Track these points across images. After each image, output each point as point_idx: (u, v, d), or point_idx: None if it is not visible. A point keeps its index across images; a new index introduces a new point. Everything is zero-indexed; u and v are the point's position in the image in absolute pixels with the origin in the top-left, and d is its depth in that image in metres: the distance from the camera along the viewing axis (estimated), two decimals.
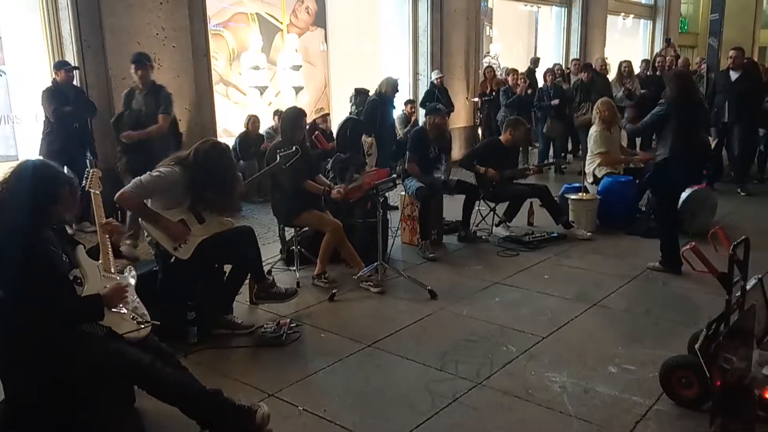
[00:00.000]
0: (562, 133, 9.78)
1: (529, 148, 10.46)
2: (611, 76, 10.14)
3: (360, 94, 8.19)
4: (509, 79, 9.88)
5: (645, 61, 11.08)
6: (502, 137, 6.27)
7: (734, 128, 7.94)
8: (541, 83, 10.02)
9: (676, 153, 4.78)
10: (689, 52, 20.91)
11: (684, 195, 5.64)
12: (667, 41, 15.30)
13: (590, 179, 6.57)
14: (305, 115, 5.00)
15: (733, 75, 7.89)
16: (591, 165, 6.63)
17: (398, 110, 9.43)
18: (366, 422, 2.89)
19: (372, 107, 7.66)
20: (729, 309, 2.86)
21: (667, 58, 11.36)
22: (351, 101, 8.38)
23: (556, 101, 9.39)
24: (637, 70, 10.45)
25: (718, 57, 9.62)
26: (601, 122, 6.61)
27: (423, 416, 2.93)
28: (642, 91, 9.56)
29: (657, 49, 15.95)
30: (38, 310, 2.41)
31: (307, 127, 5.89)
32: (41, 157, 5.42)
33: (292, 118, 4.82)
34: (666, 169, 4.87)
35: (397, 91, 7.98)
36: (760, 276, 3.18)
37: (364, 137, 7.28)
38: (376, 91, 7.88)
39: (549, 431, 2.80)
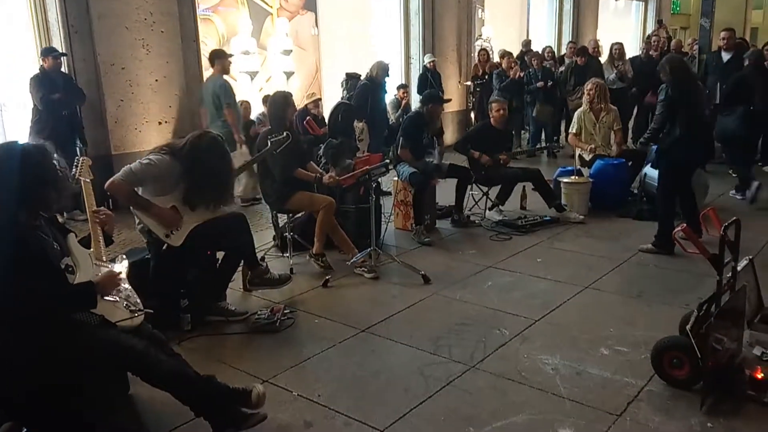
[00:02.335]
0: (552, 116, 9.77)
1: (522, 132, 10.45)
2: (604, 58, 10.10)
3: (351, 78, 8.14)
4: (503, 62, 9.82)
5: (647, 42, 11.02)
6: (491, 118, 6.26)
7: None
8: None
9: (681, 136, 4.77)
10: (681, 33, 20.86)
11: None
12: (659, 22, 15.26)
13: (578, 162, 6.58)
14: (290, 95, 4.96)
15: (725, 56, 7.89)
16: (577, 148, 6.67)
17: (390, 95, 9.39)
18: (360, 406, 2.91)
19: (362, 92, 7.62)
20: (720, 290, 2.89)
21: (661, 39, 11.32)
22: (342, 86, 8.33)
23: (541, 83, 9.39)
24: (636, 51, 10.40)
25: (710, 38, 9.60)
26: (587, 103, 6.63)
27: (417, 399, 2.94)
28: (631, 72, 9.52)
29: (649, 31, 15.90)
30: (30, 298, 2.39)
31: (298, 111, 5.84)
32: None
33: (277, 101, 4.79)
34: (673, 152, 4.86)
35: (388, 74, 7.93)
36: (751, 257, 3.20)
37: (355, 122, 7.25)
38: (366, 75, 7.83)
39: (542, 413, 2.82)
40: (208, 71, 8.15)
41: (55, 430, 2.56)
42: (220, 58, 6.80)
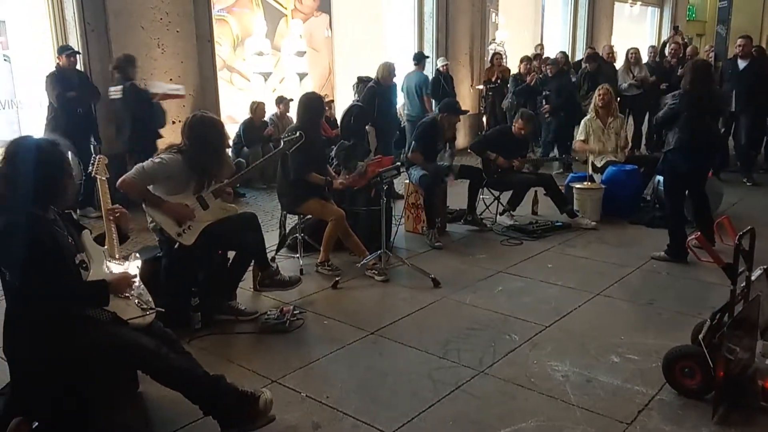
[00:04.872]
0: (565, 121, 9.71)
1: (539, 138, 10.40)
2: (619, 64, 10.05)
3: (362, 82, 8.09)
4: (521, 66, 9.79)
5: (652, 47, 10.94)
6: (513, 126, 6.22)
7: (741, 117, 7.88)
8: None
9: (683, 143, 4.76)
10: (697, 40, 20.72)
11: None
12: (675, 29, 15.17)
13: (590, 169, 6.54)
14: (320, 98, 4.97)
15: (741, 63, 7.82)
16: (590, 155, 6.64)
17: (403, 97, 9.38)
18: (368, 409, 2.90)
19: (370, 95, 7.58)
20: (733, 299, 2.85)
21: (673, 45, 11.25)
22: (354, 89, 8.29)
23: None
24: (644, 57, 10.34)
25: (726, 45, 9.55)
26: (594, 109, 6.60)
27: (425, 403, 2.94)
28: (651, 78, 9.45)
29: (664, 37, 15.81)
30: (43, 292, 2.41)
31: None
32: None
33: (312, 104, 4.79)
34: (674, 158, 4.84)
35: (394, 75, 7.90)
36: (765, 266, 3.16)
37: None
38: (374, 78, 7.81)
39: (551, 420, 2.80)
40: (222, 71, 8.24)
41: (65, 425, 2.57)
42: (423, 58, 9.02)
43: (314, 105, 4.79)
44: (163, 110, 6.70)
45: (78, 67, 6.40)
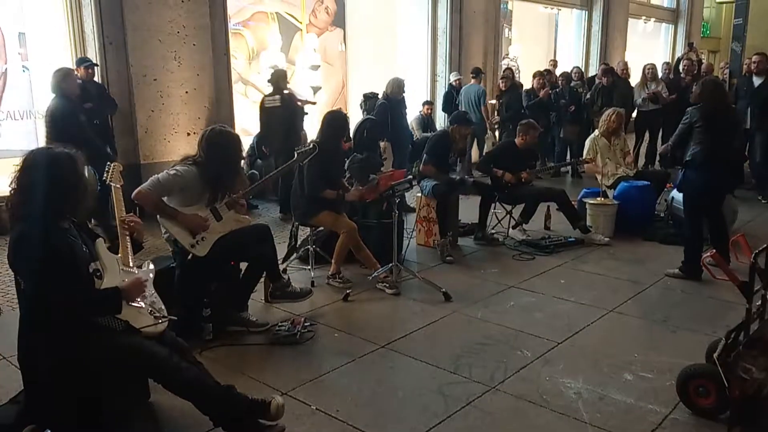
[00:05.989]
0: (578, 135, 9.71)
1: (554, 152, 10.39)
2: (633, 80, 10.04)
3: (369, 99, 8.09)
4: (534, 81, 9.81)
5: (666, 63, 10.91)
6: (516, 140, 6.23)
7: (756, 134, 7.83)
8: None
9: (696, 155, 4.73)
10: (712, 56, 20.65)
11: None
12: (690, 45, 15.13)
13: (602, 187, 6.52)
14: (344, 117, 5.03)
15: (756, 81, 7.79)
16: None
17: (415, 111, 9.42)
18: (378, 423, 2.89)
19: (382, 111, 7.61)
20: (749, 318, 2.82)
21: (685, 62, 11.21)
22: (361, 107, 8.29)
23: (572, 108, 9.33)
24: (659, 74, 10.31)
25: (741, 62, 9.50)
26: (603, 130, 6.58)
27: (436, 419, 2.92)
28: (666, 93, 9.43)
29: (679, 54, 15.76)
30: (56, 300, 2.43)
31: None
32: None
33: (328, 120, 4.84)
34: (690, 174, 4.81)
35: (404, 91, 7.92)
36: None
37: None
38: (383, 93, 7.83)
39: None
40: (237, 84, 8.32)
41: None
42: (480, 72, 9.67)
43: (337, 123, 4.85)
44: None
45: (96, 78, 6.49)
